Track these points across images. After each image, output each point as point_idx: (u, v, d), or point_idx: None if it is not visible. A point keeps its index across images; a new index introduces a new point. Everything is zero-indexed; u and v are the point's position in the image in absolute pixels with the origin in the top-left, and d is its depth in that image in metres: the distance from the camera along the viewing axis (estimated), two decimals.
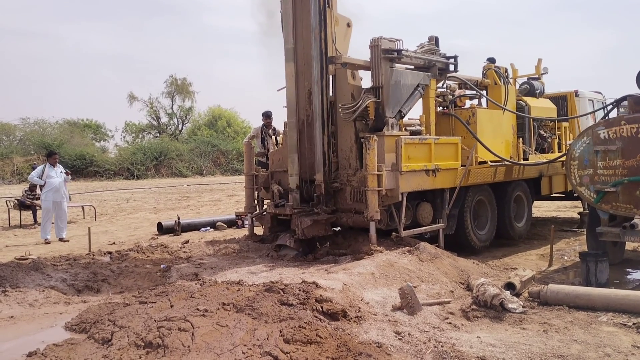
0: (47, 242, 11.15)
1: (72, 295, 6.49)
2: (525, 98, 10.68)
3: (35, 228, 13.41)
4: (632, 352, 4.47)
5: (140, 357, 3.84)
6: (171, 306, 4.78)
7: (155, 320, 4.34)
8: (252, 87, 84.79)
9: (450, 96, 9.62)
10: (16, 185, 27.74)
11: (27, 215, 14.67)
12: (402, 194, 7.70)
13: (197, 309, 4.51)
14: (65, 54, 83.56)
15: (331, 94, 8.32)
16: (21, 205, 14.45)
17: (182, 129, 53.76)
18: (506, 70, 10.42)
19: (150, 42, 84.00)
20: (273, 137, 11.15)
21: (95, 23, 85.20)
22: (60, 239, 11.41)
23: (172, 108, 53.63)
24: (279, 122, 10.81)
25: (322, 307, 4.86)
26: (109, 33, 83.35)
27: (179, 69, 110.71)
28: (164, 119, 54.10)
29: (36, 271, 6.93)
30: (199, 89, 71.12)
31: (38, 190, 13.77)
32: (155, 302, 5.05)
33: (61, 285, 6.69)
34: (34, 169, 12.84)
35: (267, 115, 11.37)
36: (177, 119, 54.29)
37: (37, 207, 13.73)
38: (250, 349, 3.86)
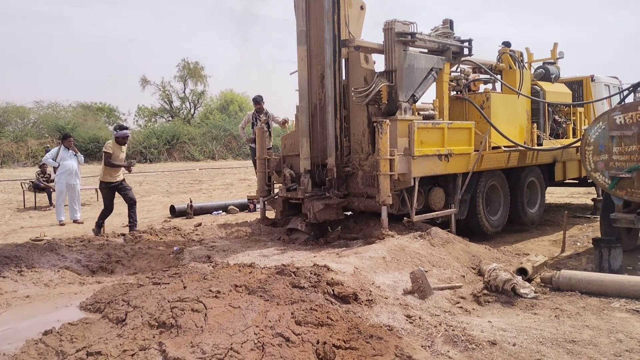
0: (61, 224, 11.29)
1: (87, 276, 6.57)
2: (540, 83, 10.56)
3: (50, 210, 13.58)
4: None
5: (154, 337, 3.88)
6: (184, 287, 4.82)
7: (168, 301, 4.39)
8: (265, 71, 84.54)
9: (464, 80, 9.54)
10: (31, 168, 28.02)
11: (42, 197, 14.84)
12: (414, 178, 7.67)
13: (210, 291, 4.54)
14: (78, 37, 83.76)
15: (344, 78, 8.27)
16: (36, 188, 14.63)
17: (194, 113, 53.84)
18: (521, 55, 10.29)
19: (163, 26, 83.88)
20: (264, 123, 11.24)
21: (108, 6, 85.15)
22: (75, 221, 11.55)
23: (184, 92, 53.70)
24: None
25: (333, 290, 4.88)
26: (122, 16, 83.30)
27: (191, 52, 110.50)
28: (177, 103, 54.19)
29: (51, 252, 7.03)
30: (211, 72, 71.06)
31: (52, 173, 13.94)
32: (168, 283, 5.11)
33: (76, 266, 6.78)
34: (47, 151, 12.96)
35: (256, 101, 11.58)
36: (190, 103, 54.35)
37: (52, 190, 13.88)
38: (262, 330, 3.89)
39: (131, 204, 9.88)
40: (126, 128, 10.38)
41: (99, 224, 9.74)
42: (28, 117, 39.65)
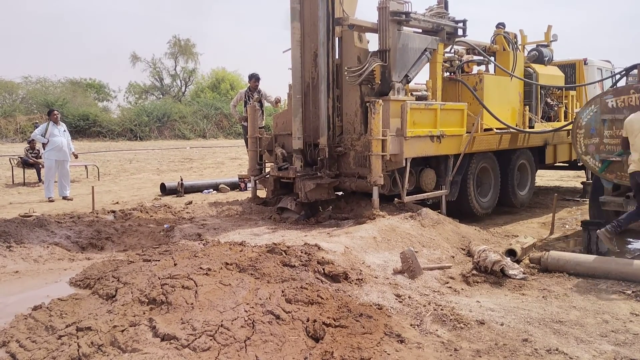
0: (50, 200, 11.21)
1: (76, 252, 6.55)
2: (533, 65, 10.53)
3: (39, 186, 13.47)
4: (630, 319, 4.52)
5: (144, 313, 3.88)
6: (175, 264, 4.81)
7: (159, 278, 4.38)
8: (257, 49, 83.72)
9: (457, 61, 9.49)
10: (19, 144, 27.72)
11: (31, 174, 14.71)
12: (405, 159, 7.67)
13: (201, 268, 4.54)
14: (67, 11, 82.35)
15: (337, 57, 8.20)
16: (24, 164, 14.49)
17: (185, 91, 53.41)
18: (515, 37, 10.25)
19: (154, 0, 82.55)
20: (256, 101, 11.19)
21: None
22: (64, 198, 11.47)
23: (175, 69, 53.19)
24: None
25: (323, 269, 4.90)
26: None
27: (182, 29, 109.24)
28: (167, 81, 53.72)
29: (40, 228, 6.99)
30: (203, 50, 70.37)
31: (40, 148, 13.81)
32: (159, 261, 5.09)
33: (65, 242, 6.75)
34: (36, 127, 12.81)
35: (257, 78, 11.53)
36: (181, 81, 53.89)
37: (41, 166, 13.75)
38: (252, 307, 3.90)
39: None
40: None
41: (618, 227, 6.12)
42: (16, 92, 39.12)
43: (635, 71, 8.22)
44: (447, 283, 5.41)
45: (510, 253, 6.23)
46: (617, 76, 8.84)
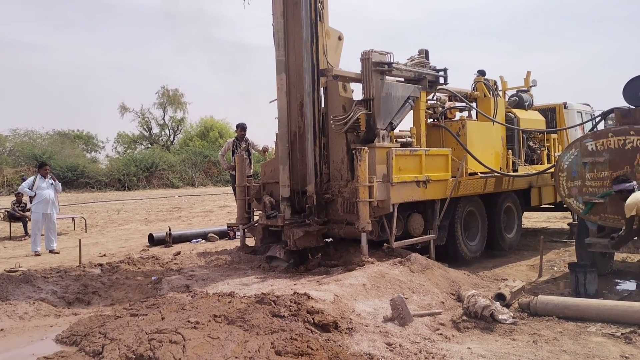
0: (37, 254, 11.08)
1: (63, 308, 6.45)
2: (514, 110, 10.81)
3: (25, 240, 13.32)
4: None
5: None
6: (162, 318, 4.77)
7: (146, 333, 4.34)
8: (245, 97, 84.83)
9: (440, 108, 9.71)
10: (6, 197, 27.53)
11: (17, 227, 14.57)
12: (393, 205, 7.74)
13: (189, 321, 4.51)
14: (55, 64, 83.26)
15: (322, 106, 8.38)
16: (11, 217, 14.37)
17: (173, 139, 53.75)
18: (495, 83, 10.53)
19: (142, 52, 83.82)
20: (244, 150, 11.33)
21: (86, 33, 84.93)
22: (51, 251, 11.34)
23: (163, 119, 53.68)
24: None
25: (313, 319, 4.88)
26: (100, 43, 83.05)
27: (170, 79, 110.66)
28: (156, 130, 54.13)
29: (26, 283, 6.90)
30: (191, 99, 71.31)
31: (28, 202, 13.73)
32: (146, 315, 5.05)
33: (52, 298, 6.65)
34: (23, 180, 12.79)
35: (243, 128, 11.74)
36: (169, 130, 54.31)
37: (28, 219, 13.64)
38: None
39: None
40: None
41: None
42: (4, 145, 39.18)
43: (612, 115, 8.46)
44: (438, 330, 5.39)
45: (500, 297, 6.23)
46: (597, 119, 9.09)
